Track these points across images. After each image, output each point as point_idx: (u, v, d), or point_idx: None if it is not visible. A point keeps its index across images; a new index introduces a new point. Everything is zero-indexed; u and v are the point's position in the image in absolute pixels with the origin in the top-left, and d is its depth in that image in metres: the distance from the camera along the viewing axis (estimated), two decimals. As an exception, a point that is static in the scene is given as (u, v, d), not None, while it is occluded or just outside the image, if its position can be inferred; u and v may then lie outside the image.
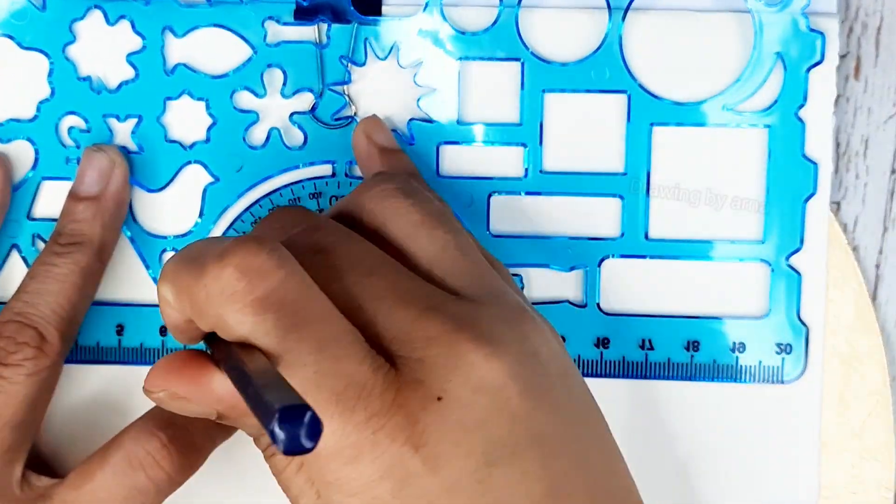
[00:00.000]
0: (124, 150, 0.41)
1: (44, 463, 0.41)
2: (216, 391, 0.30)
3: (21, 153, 0.41)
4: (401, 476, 0.28)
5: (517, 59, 0.40)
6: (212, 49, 0.41)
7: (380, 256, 0.32)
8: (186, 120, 0.41)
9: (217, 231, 0.41)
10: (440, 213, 0.34)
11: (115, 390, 0.42)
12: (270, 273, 0.29)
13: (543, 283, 0.41)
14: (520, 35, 0.40)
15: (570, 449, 0.30)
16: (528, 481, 0.29)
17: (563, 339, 0.40)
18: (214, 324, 0.29)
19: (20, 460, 0.38)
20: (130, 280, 0.41)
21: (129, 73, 0.41)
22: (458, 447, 0.28)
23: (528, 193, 0.41)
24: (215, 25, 0.40)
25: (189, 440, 0.37)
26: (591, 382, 0.41)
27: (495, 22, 0.40)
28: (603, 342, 0.41)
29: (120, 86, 0.41)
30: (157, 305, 0.41)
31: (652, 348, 0.41)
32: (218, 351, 0.30)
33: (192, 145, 0.41)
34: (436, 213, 0.34)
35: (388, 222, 0.33)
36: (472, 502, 0.28)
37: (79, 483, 0.37)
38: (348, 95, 0.41)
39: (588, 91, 0.40)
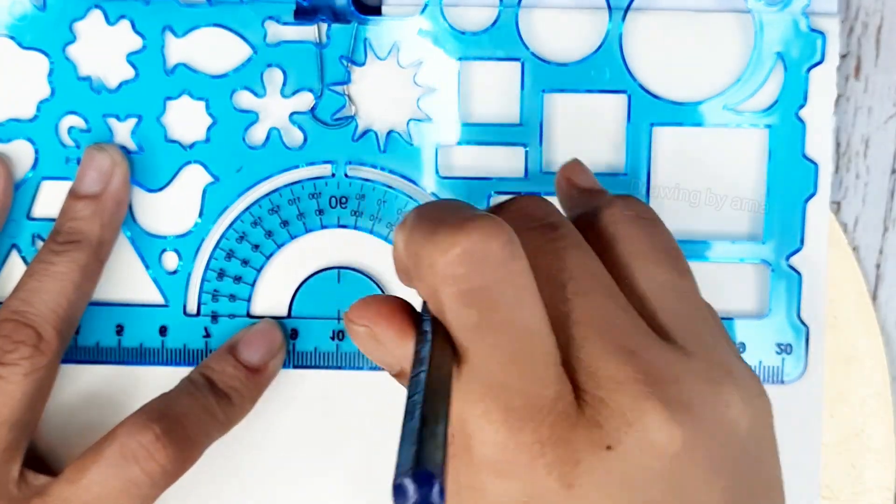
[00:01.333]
0: (124, 150, 0.41)
1: (42, 462, 0.41)
2: (411, 348, 0.29)
3: (21, 153, 0.41)
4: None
5: (517, 59, 0.40)
6: (212, 49, 0.41)
7: (602, 277, 0.30)
8: (186, 120, 0.41)
9: (217, 230, 0.41)
10: (671, 250, 0.32)
11: (114, 390, 0.42)
12: (496, 266, 0.27)
13: (543, 283, 0.41)
14: (520, 35, 0.40)
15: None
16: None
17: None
18: (424, 292, 0.28)
19: (18, 459, 0.38)
20: (130, 280, 0.41)
21: (129, 72, 0.41)
22: (609, 501, 0.27)
23: (528, 193, 0.41)
24: (215, 25, 0.40)
25: (183, 432, 0.37)
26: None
27: (495, 22, 0.40)
28: (603, 342, 0.41)
29: (120, 85, 0.41)
30: (156, 306, 0.41)
31: (652, 348, 0.41)
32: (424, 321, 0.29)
33: (192, 145, 0.41)
34: (666, 250, 0.32)
35: (618, 244, 0.31)
36: None
37: (74, 478, 0.37)
38: (348, 95, 0.41)
39: (588, 91, 0.40)
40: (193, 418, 0.38)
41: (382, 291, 0.41)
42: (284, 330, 0.41)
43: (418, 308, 0.30)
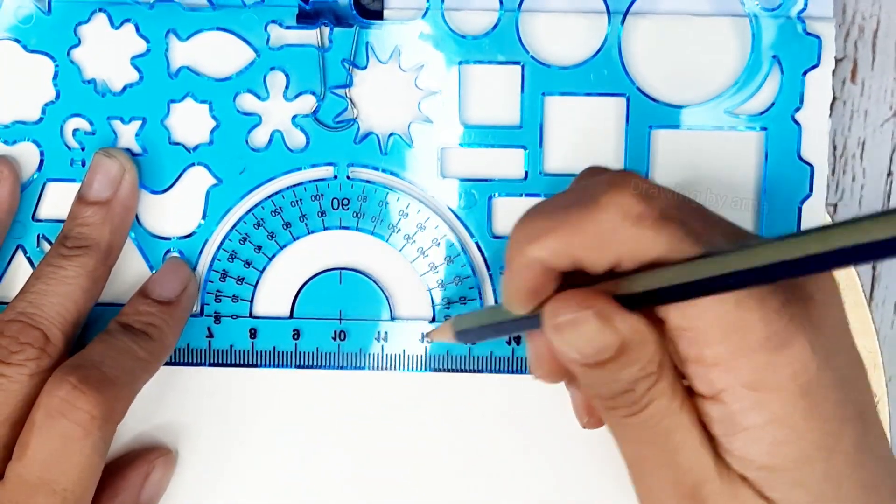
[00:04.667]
0: (128, 153, 0.41)
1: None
2: (633, 319, 0.30)
3: (26, 155, 0.41)
4: (815, 366, 0.29)
5: (517, 63, 0.41)
6: (215, 52, 0.41)
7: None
8: (190, 122, 0.41)
9: (220, 232, 0.41)
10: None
11: (118, 390, 0.42)
12: (660, 192, 0.29)
13: (543, 284, 0.41)
14: (520, 39, 0.41)
15: None
16: (867, 389, 0.32)
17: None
18: (623, 251, 0.29)
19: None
20: (134, 281, 0.42)
21: (133, 75, 0.41)
22: (837, 346, 0.30)
23: (528, 195, 0.41)
24: (218, 29, 0.41)
25: (100, 375, 0.37)
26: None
27: (496, 26, 0.41)
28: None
29: (124, 88, 0.41)
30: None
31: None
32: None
33: (196, 147, 0.41)
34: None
35: None
36: (854, 394, 0.30)
37: (20, 454, 0.37)
38: (350, 98, 0.41)
39: (587, 94, 0.41)
40: (109, 360, 0.38)
41: (383, 292, 0.42)
42: (190, 264, 0.42)
43: None
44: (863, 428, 0.30)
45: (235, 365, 0.42)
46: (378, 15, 0.41)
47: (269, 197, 0.41)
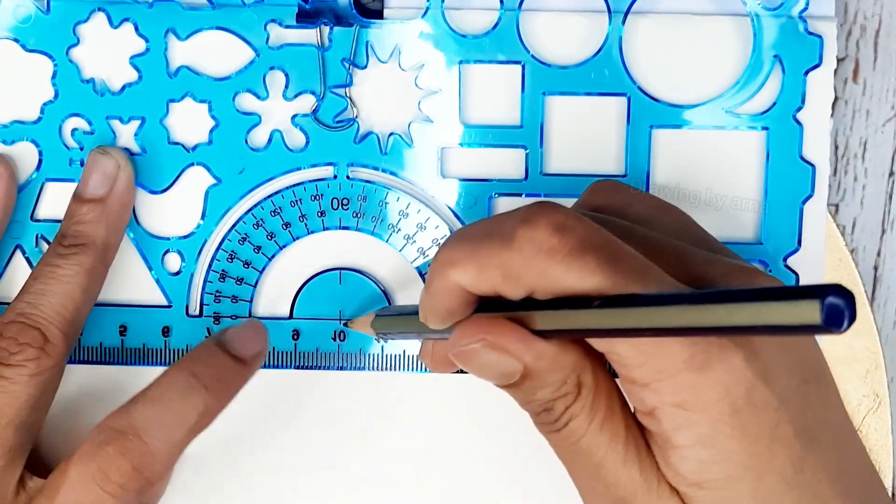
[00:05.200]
0: (127, 153, 0.41)
1: (44, 463, 0.41)
2: (537, 345, 0.31)
3: (25, 155, 0.41)
4: (748, 385, 0.29)
5: (518, 62, 0.41)
6: (214, 52, 0.41)
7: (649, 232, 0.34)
8: (189, 122, 0.41)
9: (220, 232, 0.41)
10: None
11: (117, 390, 0.42)
12: (577, 226, 0.30)
13: (544, 285, 0.41)
14: (520, 38, 0.41)
15: (836, 387, 0.33)
16: (830, 404, 0.32)
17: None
18: (535, 283, 0.30)
19: (21, 460, 0.38)
20: (133, 281, 0.42)
21: (132, 75, 0.41)
22: (781, 364, 0.30)
23: (528, 195, 0.41)
24: (218, 28, 0.41)
25: (143, 449, 0.37)
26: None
27: (496, 25, 0.40)
28: (603, 343, 0.41)
29: (123, 88, 0.41)
30: (159, 307, 0.41)
31: (651, 349, 0.41)
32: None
33: (195, 147, 0.41)
34: (659, 198, 0.36)
35: (627, 211, 0.35)
36: (800, 413, 0.30)
37: (50, 494, 0.37)
38: (350, 98, 0.41)
39: (588, 94, 0.41)
40: (156, 429, 0.37)
41: (384, 293, 0.42)
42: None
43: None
44: (805, 448, 0.30)
45: (235, 365, 0.42)
46: (378, 14, 0.41)
47: (269, 197, 0.41)
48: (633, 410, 0.31)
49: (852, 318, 0.23)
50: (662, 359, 0.29)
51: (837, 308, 0.22)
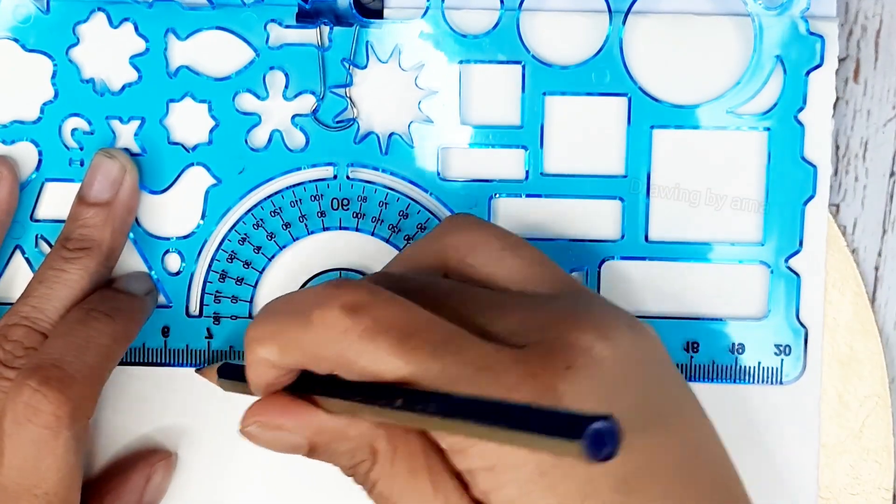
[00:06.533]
0: (127, 153, 0.41)
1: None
2: (316, 421, 0.32)
3: (25, 155, 0.41)
4: None
5: (518, 62, 0.41)
6: (214, 51, 0.41)
7: (468, 287, 0.34)
8: (189, 122, 0.41)
9: (220, 232, 0.41)
10: (512, 234, 0.36)
11: (117, 390, 0.42)
12: (371, 304, 0.31)
13: (544, 285, 0.41)
14: (521, 38, 0.40)
15: (691, 420, 0.32)
16: (664, 448, 0.31)
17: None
18: (335, 364, 0.31)
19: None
20: (133, 281, 0.42)
21: (132, 75, 0.41)
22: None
23: (528, 196, 0.41)
24: (218, 28, 0.41)
25: (61, 375, 0.36)
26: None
27: (496, 25, 0.40)
28: (603, 344, 0.41)
29: (123, 88, 0.41)
30: (158, 306, 0.41)
31: (652, 350, 0.41)
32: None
33: (195, 147, 0.41)
34: (511, 235, 0.36)
35: (472, 254, 0.35)
36: (620, 465, 0.28)
37: None
38: (350, 98, 0.41)
39: (589, 94, 0.41)
40: (70, 356, 0.37)
41: (384, 293, 0.41)
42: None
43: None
44: (626, 500, 0.29)
45: (235, 366, 0.42)
46: (378, 14, 0.41)
47: (269, 197, 0.41)
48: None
49: (615, 448, 0.23)
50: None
51: (600, 439, 0.23)
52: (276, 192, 0.41)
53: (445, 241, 0.36)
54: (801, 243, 0.41)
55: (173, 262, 0.42)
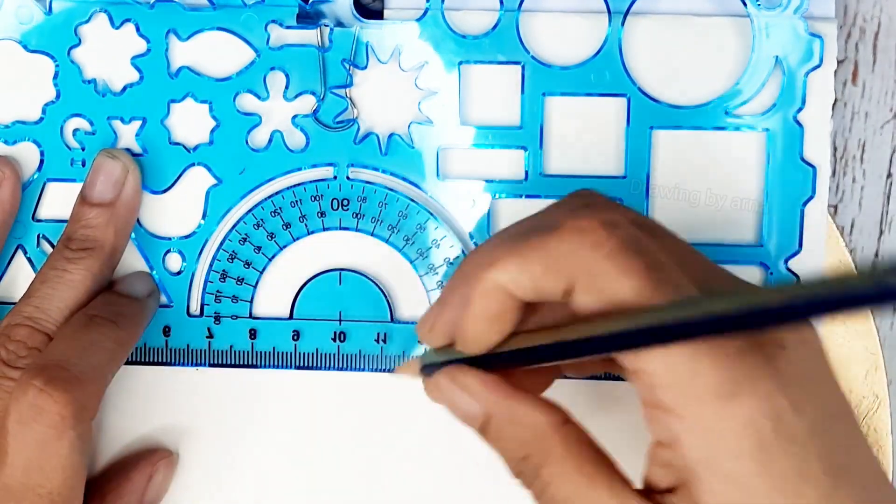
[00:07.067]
0: (128, 153, 0.41)
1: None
2: (499, 393, 0.32)
3: (27, 155, 0.41)
4: (776, 416, 0.28)
5: (518, 63, 0.41)
6: (215, 52, 0.41)
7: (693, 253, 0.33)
8: (190, 122, 0.41)
9: (220, 232, 0.41)
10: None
11: (117, 389, 0.42)
12: (625, 225, 0.30)
13: (543, 285, 0.41)
14: (520, 39, 0.41)
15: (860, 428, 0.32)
16: (857, 441, 0.30)
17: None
18: (575, 279, 0.29)
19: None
20: (134, 281, 0.42)
21: (133, 75, 0.41)
22: (809, 396, 0.29)
23: (528, 196, 0.41)
24: (219, 29, 0.41)
25: (66, 375, 0.36)
26: (595, 383, 0.41)
27: (496, 26, 0.40)
28: (602, 344, 0.41)
29: (124, 88, 0.41)
30: (159, 306, 0.41)
31: (651, 350, 0.41)
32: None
33: (196, 147, 0.41)
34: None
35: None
36: (826, 448, 0.29)
37: (0, 462, 0.37)
38: (350, 98, 0.41)
39: (588, 94, 0.41)
40: (75, 357, 0.37)
41: (383, 293, 0.42)
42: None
43: None
44: (832, 486, 0.29)
45: (235, 366, 0.42)
46: (378, 15, 0.41)
47: (269, 197, 0.41)
48: (653, 442, 0.30)
49: None
50: (692, 382, 0.28)
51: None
52: (277, 193, 0.41)
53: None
54: (800, 244, 0.41)
55: (174, 261, 0.42)
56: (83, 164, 0.41)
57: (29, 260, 0.42)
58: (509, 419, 0.31)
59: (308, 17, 0.41)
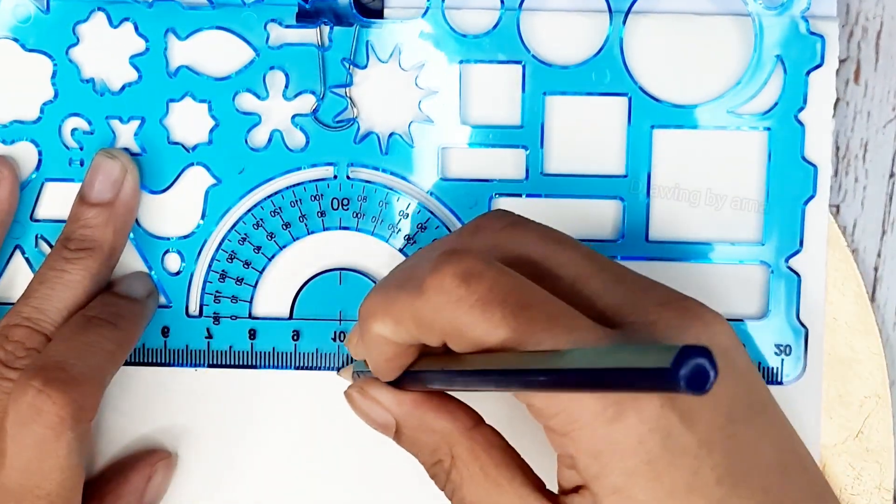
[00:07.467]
0: (127, 153, 0.41)
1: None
2: (407, 403, 0.34)
3: (25, 155, 0.41)
4: (664, 432, 0.29)
5: (518, 62, 0.41)
6: (214, 51, 0.41)
7: (575, 261, 0.34)
8: (189, 122, 0.41)
9: (219, 232, 0.41)
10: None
11: (117, 390, 0.42)
12: (485, 273, 0.30)
13: (544, 285, 0.41)
14: (521, 38, 0.40)
15: (782, 418, 0.32)
16: (765, 442, 0.30)
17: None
18: (447, 334, 0.31)
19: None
20: (133, 281, 0.42)
21: (132, 75, 0.41)
22: (706, 403, 0.29)
23: (529, 195, 0.41)
24: (218, 28, 0.41)
25: (65, 376, 0.36)
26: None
27: (496, 25, 0.40)
28: (603, 344, 0.41)
29: (123, 88, 0.41)
30: (158, 306, 0.41)
31: (652, 350, 0.41)
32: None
33: (195, 147, 0.41)
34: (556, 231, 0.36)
35: (530, 250, 0.35)
36: (725, 456, 0.29)
37: None
38: (350, 97, 0.41)
39: (589, 94, 0.41)
40: (73, 358, 0.37)
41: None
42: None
43: None
44: (725, 494, 0.29)
45: (235, 366, 0.42)
46: (378, 14, 0.41)
47: (269, 197, 0.41)
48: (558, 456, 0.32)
49: (712, 380, 0.23)
50: (576, 409, 0.29)
51: (699, 371, 0.23)
52: (276, 192, 0.41)
53: (499, 238, 0.35)
54: (801, 243, 0.41)
55: (173, 262, 0.42)
56: (82, 164, 0.41)
57: (27, 260, 0.41)
58: (419, 426, 0.33)
59: (308, 16, 0.40)
